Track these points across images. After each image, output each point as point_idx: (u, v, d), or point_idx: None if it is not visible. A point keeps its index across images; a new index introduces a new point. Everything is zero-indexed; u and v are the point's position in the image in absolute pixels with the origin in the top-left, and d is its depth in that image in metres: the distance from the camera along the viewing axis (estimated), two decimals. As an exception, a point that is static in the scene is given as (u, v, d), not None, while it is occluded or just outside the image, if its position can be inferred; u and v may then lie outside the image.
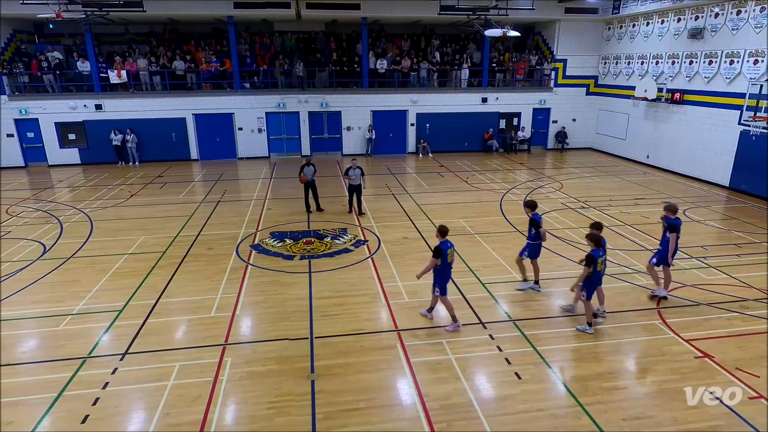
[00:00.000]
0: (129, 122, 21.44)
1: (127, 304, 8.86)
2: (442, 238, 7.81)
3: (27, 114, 20.80)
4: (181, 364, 7.07)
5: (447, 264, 7.78)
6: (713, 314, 8.47)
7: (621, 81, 22.67)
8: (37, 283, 9.74)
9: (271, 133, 23.11)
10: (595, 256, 7.53)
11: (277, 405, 6.25)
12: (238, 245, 11.78)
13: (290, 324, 8.20)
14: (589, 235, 7.89)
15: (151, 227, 13.13)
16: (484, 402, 6.30)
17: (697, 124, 18.30)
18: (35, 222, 13.70)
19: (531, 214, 9.16)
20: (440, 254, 7.60)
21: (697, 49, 18.06)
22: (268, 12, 21.01)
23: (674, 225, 8.54)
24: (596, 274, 7.69)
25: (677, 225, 8.55)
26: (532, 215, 9.13)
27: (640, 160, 21.55)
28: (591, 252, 7.62)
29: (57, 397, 6.39)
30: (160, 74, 21.81)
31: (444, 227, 7.91)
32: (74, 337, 7.82)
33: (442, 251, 7.61)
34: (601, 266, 7.71)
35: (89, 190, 17.36)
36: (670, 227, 8.57)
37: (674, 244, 8.52)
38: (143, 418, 6.03)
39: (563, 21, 23.37)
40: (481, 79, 24.07)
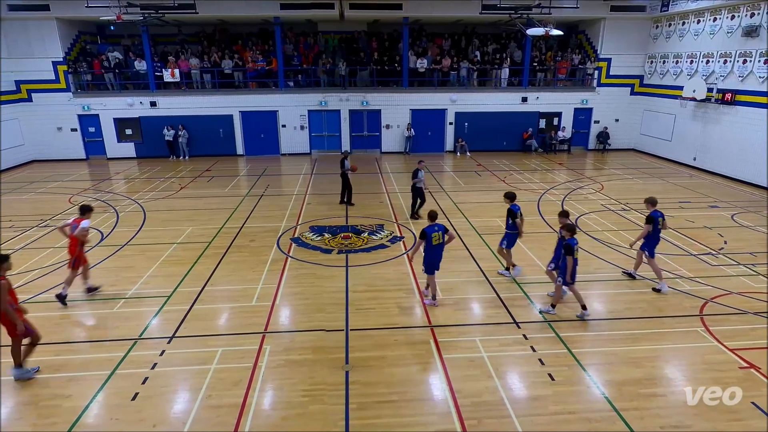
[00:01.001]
0: (180, 119, 22.46)
1: (175, 291, 9.36)
2: (431, 222, 8.47)
3: (89, 110, 22.15)
4: (223, 350, 7.43)
5: (433, 246, 8.40)
6: (760, 324, 8.14)
7: (668, 81, 21.84)
8: (95, 268, 10.38)
9: (313, 131, 23.63)
10: (572, 245, 8.00)
11: (312, 393, 6.48)
12: (279, 238, 12.19)
13: (326, 315, 8.45)
14: (565, 226, 8.31)
15: (199, 218, 13.75)
16: (515, 401, 6.32)
17: (749, 125, 17.44)
18: (95, 211, 14.53)
19: (509, 204, 9.73)
20: (424, 237, 8.31)
21: (752, 48, 17.20)
22: (313, 12, 21.48)
23: (651, 217, 9.17)
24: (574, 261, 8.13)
25: (654, 217, 9.13)
26: (510, 206, 9.68)
27: (686, 162, 20.72)
28: (568, 241, 8.08)
29: (110, 374, 6.86)
30: (210, 73, 22.70)
31: (433, 212, 8.65)
32: (127, 320, 8.36)
33: (426, 234, 8.30)
34: (577, 254, 8.21)
35: (143, 182, 18.33)
36: (647, 219, 9.27)
37: (644, 233, 9.26)
38: (187, 399, 6.39)
39: (608, 19, 22.72)
40: (522, 79, 23.74)
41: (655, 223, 9.14)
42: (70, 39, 22.28)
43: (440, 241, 8.45)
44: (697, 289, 9.32)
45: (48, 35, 21.11)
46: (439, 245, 8.48)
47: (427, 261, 8.55)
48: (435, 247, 8.42)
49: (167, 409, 6.22)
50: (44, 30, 20.98)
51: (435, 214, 8.63)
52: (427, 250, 8.45)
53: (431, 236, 8.30)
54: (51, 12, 20.51)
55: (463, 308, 8.78)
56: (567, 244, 8.08)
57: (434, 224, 8.46)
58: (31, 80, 21.52)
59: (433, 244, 8.37)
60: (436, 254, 8.52)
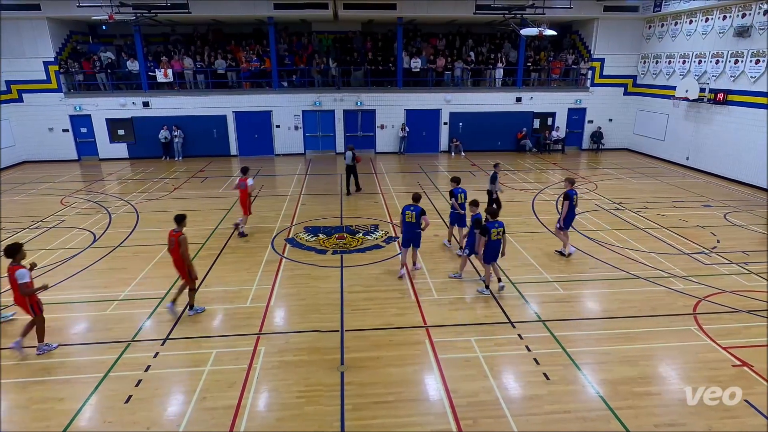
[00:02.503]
0: (173, 119, 22.34)
1: (169, 292, 9.29)
2: (413, 203, 9.70)
3: (81, 110, 21.97)
4: (217, 351, 7.40)
5: (405, 223, 9.59)
6: (753, 322, 8.20)
7: (661, 81, 21.98)
8: (87, 270, 10.35)
9: (307, 131, 23.57)
10: (489, 228, 8.82)
11: (308, 394, 6.46)
12: (274, 239, 12.14)
13: (322, 316, 8.43)
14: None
15: (192, 219, 13.47)
16: (511, 401, 6.33)
17: (741, 125, 17.58)
18: (87, 212, 14.50)
19: (453, 187, 11.10)
20: (402, 213, 9.61)
21: (744, 48, 17.34)
22: (307, 12, 21.42)
23: (567, 194, 10.53)
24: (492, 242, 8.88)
25: (570, 195, 10.48)
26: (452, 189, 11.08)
27: (679, 162, 20.85)
28: (486, 224, 8.92)
29: (104, 377, 6.80)
30: (203, 73, 22.59)
31: (416, 194, 9.92)
32: (120, 321, 8.30)
33: (402, 212, 9.61)
34: (496, 236, 8.91)
35: (136, 183, 18.20)
36: (564, 196, 10.58)
37: (565, 210, 10.52)
38: (181, 401, 6.35)
39: (602, 19, 22.83)
40: (516, 79, 23.80)
41: (570, 200, 10.49)
42: (61, 39, 22.10)
43: (411, 218, 9.50)
44: (691, 288, 9.38)
45: (39, 35, 20.92)
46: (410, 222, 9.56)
47: (403, 236, 9.80)
48: (407, 224, 9.56)
49: (161, 411, 6.18)
50: (35, 30, 20.80)
51: (418, 196, 9.84)
52: (403, 226, 9.69)
53: (404, 213, 9.52)
54: (42, 12, 20.33)
55: (458, 308, 8.77)
56: (477, 219, 9.22)
57: (410, 204, 9.62)
58: (22, 80, 21.32)
59: (405, 220, 9.55)
60: (408, 231, 9.64)
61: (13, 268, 7.03)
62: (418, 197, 9.85)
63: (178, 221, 8.37)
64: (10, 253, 7.09)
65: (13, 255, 7.09)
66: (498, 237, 8.91)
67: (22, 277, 6.99)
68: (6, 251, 7.10)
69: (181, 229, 8.28)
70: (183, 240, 8.13)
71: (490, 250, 8.96)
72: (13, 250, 7.10)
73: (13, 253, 7.09)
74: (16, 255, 7.09)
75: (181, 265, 8.28)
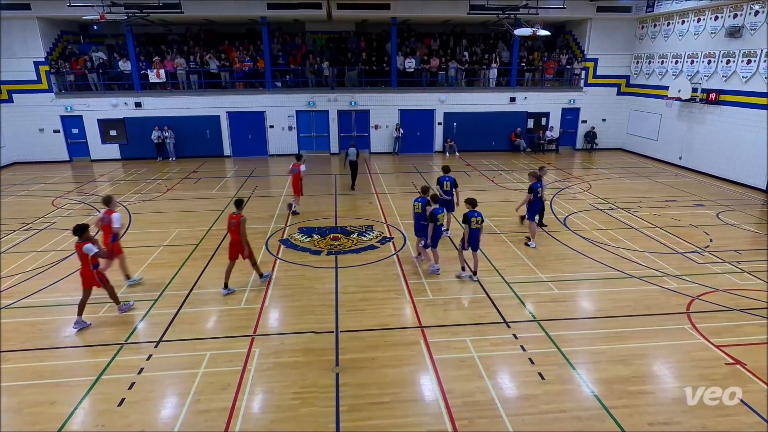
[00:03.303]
0: (166, 119, 22.21)
1: (162, 294, 9.24)
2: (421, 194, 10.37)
3: (72, 111, 21.79)
4: (211, 353, 7.34)
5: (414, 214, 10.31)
6: (746, 320, 8.25)
7: (654, 81, 22.12)
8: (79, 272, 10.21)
9: (301, 131, 23.51)
10: (436, 213, 9.52)
11: (303, 396, 6.42)
12: (268, 240, 12.09)
13: (316, 317, 8.40)
14: (432, 197, 10.02)
15: (186, 220, 13.59)
16: (506, 401, 6.33)
17: (733, 124, 17.72)
18: (79, 214, 14.37)
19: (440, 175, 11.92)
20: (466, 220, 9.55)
21: (735, 48, 17.48)
22: (300, 12, 21.37)
23: (531, 187, 11.33)
24: (472, 230, 9.40)
25: (534, 188, 11.28)
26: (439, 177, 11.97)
27: (672, 162, 21.00)
28: (433, 210, 9.54)
29: (96, 380, 6.73)
30: (196, 73, 22.46)
31: (424, 187, 10.64)
32: (113, 324, 8.23)
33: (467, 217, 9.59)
34: (476, 225, 9.42)
35: (128, 184, 18.08)
36: (528, 189, 11.37)
37: (526, 201, 11.39)
38: (175, 404, 6.29)
39: (595, 20, 22.95)
40: (510, 79, 23.87)
41: (535, 192, 11.25)
42: (52, 39, 21.92)
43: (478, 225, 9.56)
44: (684, 287, 9.43)
45: (29, 35, 20.75)
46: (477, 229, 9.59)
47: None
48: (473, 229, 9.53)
49: (155, 414, 6.12)
50: (25, 30, 20.62)
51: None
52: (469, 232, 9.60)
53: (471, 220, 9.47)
54: (32, 11, 20.16)
55: (453, 308, 8.77)
56: (432, 213, 9.57)
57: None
58: (12, 81, 21.12)
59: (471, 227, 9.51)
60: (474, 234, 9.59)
61: (81, 245, 7.88)
62: (426, 189, 10.49)
63: (238, 205, 9.23)
64: (78, 232, 7.98)
65: (80, 233, 7.96)
66: (477, 226, 9.43)
67: (90, 251, 7.87)
68: (74, 230, 8.01)
69: (240, 212, 9.14)
70: (243, 221, 9.01)
71: (471, 239, 9.51)
72: (80, 230, 7.98)
73: (81, 232, 7.96)
74: (83, 233, 7.92)
75: (239, 245, 9.16)
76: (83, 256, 7.91)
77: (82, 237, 7.95)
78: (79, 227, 8.01)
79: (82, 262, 8.03)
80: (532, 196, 11.34)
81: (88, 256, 7.89)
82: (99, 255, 8.04)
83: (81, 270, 8.10)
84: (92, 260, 7.98)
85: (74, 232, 8.02)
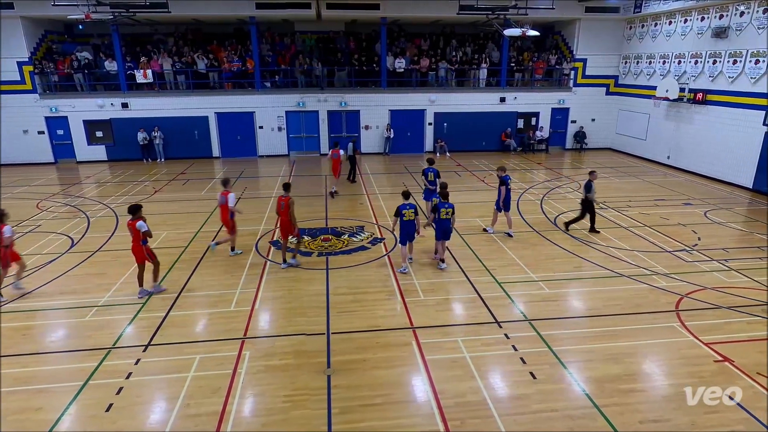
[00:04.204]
0: (154, 120, 21.95)
1: (150, 297, 9.12)
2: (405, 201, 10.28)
3: (57, 112, 21.47)
4: (201, 357, 7.26)
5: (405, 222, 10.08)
6: (734, 318, 8.34)
7: (642, 81, 22.33)
8: (65, 275, 10.09)
9: (291, 132, 23.39)
10: (440, 207, 9.89)
11: (294, 398, 6.36)
12: (258, 241, 11.99)
13: (307, 319, 8.34)
14: (403, 193, 10.25)
15: (174, 223, 13.44)
16: (498, 401, 6.32)
17: (720, 124, 17.94)
18: (64, 216, 14.15)
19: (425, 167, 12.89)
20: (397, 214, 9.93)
21: (722, 49, 17.70)
22: (289, 12, 21.26)
23: (502, 179, 11.72)
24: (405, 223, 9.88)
25: (505, 180, 11.69)
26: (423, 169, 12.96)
27: (660, 161, 21.21)
28: (399, 206, 9.88)
29: (83, 385, 6.62)
30: (184, 73, 22.25)
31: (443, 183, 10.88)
32: (100, 328, 8.10)
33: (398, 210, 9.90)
34: (445, 215, 9.92)
35: (115, 186, 17.85)
36: (500, 181, 11.77)
37: (504, 193, 11.73)
38: (164, 408, 6.20)
39: (583, 20, 23.11)
40: (500, 79, 23.95)
41: (506, 184, 11.69)
42: (36, 38, 21.57)
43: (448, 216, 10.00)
44: (673, 285, 9.51)
45: (12, 34, 20.39)
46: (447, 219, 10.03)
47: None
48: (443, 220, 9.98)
49: (143, 419, 6.03)
50: (8, 29, 20.26)
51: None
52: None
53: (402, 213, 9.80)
54: (16, 11, 19.84)
55: (444, 309, 8.76)
56: (397, 209, 9.90)
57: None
58: (-4, 81, 20.78)
59: (441, 217, 9.95)
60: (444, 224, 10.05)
61: (134, 222, 8.75)
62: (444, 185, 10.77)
63: (286, 188, 10.30)
64: (133, 211, 8.85)
65: (134, 212, 8.83)
66: (447, 216, 9.92)
67: (142, 227, 8.74)
68: (129, 209, 8.88)
69: (288, 194, 10.19)
70: (291, 203, 10.10)
71: (440, 229, 10.05)
72: (135, 209, 8.87)
73: (135, 211, 8.84)
74: (137, 212, 8.81)
75: (288, 225, 10.19)
76: (135, 232, 8.75)
77: (135, 215, 8.78)
78: (134, 207, 8.87)
79: (133, 238, 8.87)
80: (505, 189, 11.81)
81: (140, 232, 8.71)
82: (148, 234, 8.87)
83: (132, 246, 8.94)
84: (142, 237, 8.80)
85: (129, 210, 8.85)
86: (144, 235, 8.82)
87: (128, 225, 8.84)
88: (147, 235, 8.86)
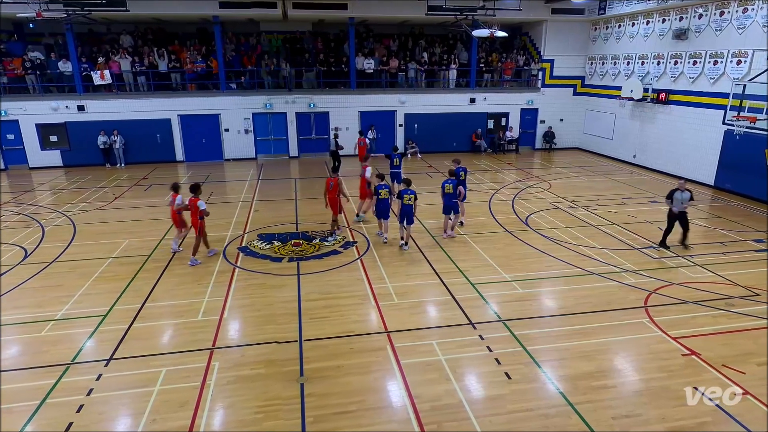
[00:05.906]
0: (113, 123, 21.07)
1: (112, 309, 8.70)
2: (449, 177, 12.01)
3: (6, 115, 20.32)
4: (167, 369, 6.96)
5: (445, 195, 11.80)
6: (700, 312, 8.55)
7: (607, 81, 22.89)
8: (18, 289, 9.53)
9: (258, 134, 22.92)
10: (403, 193, 10.91)
11: (266, 409, 6.17)
12: (225, 248, 11.64)
13: (278, 327, 8.11)
14: (378, 175, 11.91)
15: (136, 230, 12.92)
16: (474, 402, 6.29)
17: (682, 123, 18.52)
18: (16, 226, 13.41)
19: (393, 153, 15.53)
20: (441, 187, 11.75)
21: (682, 50, 18.29)
22: (255, 12, 20.82)
23: (455, 172, 12.37)
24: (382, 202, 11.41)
25: (457, 172, 12.47)
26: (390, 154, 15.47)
27: (627, 160, 21.76)
28: (376, 186, 11.46)
29: (40, 404, 6.25)
30: (144, 75, 21.50)
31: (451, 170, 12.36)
32: (57, 343, 7.66)
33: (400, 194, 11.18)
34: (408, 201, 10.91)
35: (72, 193, 17.04)
36: (456, 175, 12.27)
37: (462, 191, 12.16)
38: (129, 425, 5.92)
39: (550, 21, 23.52)
40: (469, 80, 24.14)
41: (458, 176, 12.37)
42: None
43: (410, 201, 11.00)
44: (642, 282, 9.71)
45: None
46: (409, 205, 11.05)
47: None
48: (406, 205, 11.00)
49: (105, 439, 5.71)
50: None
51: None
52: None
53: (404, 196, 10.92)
54: (-39, 8, 18.72)
55: (418, 312, 8.68)
56: (375, 187, 11.48)
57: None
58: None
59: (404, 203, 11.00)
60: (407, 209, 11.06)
61: (195, 200, 10.32)
62: (453, 172, 12.16)
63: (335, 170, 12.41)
64: (194, 190, 10.41)
65: (195, 191, 10.38)
66: (409, 202, 10.91)
67: (202, 206, 10.28)
68: (191, 188, 10.43)
69: (337, 175, 12.06)
70: (340, 181, 11.92)
71: (402, 213, 11.04)
72: (196, 187, 10.46)
73: (196, 190, 10.41)
74: (197, 191, 10.39)
75: (334, 204, 11.92)
76: (196, 208, 10.19)
77: (196, 193, 10.33)
78: (195, 185, 10.46)
79: (192, 213, 10.35)
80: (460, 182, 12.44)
81: (200, 208, 10.17)
82: (206, 212, 10.37)
83: (192, 220, 10.50)
84: (200, 213, 10.22)
85: (190, 189, 10.38)
86: (201, 213, 10.23)
87: (190, 202, 10.33)
88: (205, 213, 10.30)
